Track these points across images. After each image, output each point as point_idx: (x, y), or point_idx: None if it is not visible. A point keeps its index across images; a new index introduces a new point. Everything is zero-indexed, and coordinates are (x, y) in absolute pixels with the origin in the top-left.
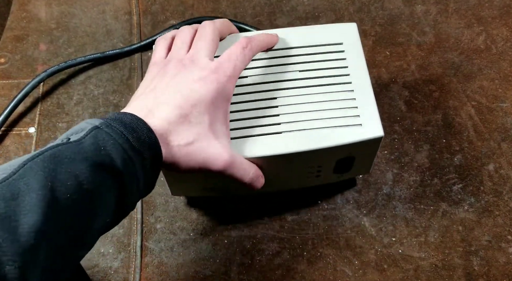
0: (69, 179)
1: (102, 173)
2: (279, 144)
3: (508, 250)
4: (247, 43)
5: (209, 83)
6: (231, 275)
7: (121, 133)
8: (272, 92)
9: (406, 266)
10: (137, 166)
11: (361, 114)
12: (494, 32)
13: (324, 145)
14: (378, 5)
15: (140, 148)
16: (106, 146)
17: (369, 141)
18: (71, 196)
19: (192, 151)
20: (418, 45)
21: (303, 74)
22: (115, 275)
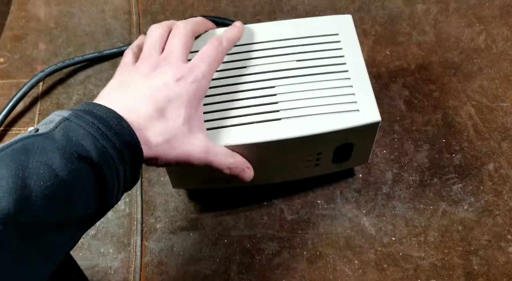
0: (41, 168)
1: (76, 162)
2: (278, 130)
3: (507, 250)
4: (219, 42)
5: (185, 84)
6: (231, 274)
7: (91, 123)
8: (270, 81)
9: (406, 266)
10: (113, 155)
11: (358, 100)
12: (495, 32)
13: (322, 131)
14: (378, 4)
15: (112, 137)
16: (77, 136)
17: (367, 126)
18: (45, 183)
19: (169, 146)
20: (418, 44)
21: (300, 63)
22: (115, 275)
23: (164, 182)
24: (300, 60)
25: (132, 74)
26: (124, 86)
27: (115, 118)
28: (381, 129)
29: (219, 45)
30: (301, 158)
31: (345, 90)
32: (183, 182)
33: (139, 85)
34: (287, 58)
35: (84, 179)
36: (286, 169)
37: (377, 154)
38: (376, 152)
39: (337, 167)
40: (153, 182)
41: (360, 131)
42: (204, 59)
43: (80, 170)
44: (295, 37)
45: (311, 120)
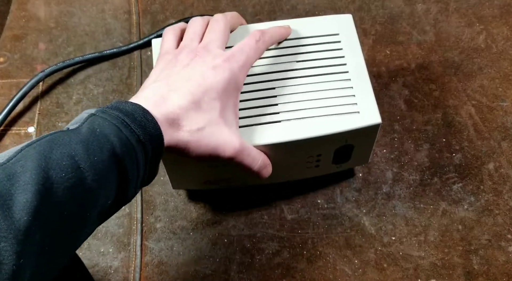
0: (64, 159)
1: (99, 153)
2: (277, 133)
3: (507, 249)
4: (260, 36)
5: (222, 71)
6: (231, 274)
7: (116, 116)
8: (270, 82)
9: (406, 265)
10: (136, 147)
11: (359, 102)
12: (495, 31)
13: (322, 133)
14: (378, 3)
15: (136, 128)
16: (101, 128)
17: (367, 129)
18: (66, 175)
19: (203, 136)
20: (418, 44)
21: (300, 64)
22: (115, 274)
23: (164, 181)
24: (300, 60)
25: (173, 63)
26: (165, 77)
27: (141, 111)
28: (381, 128)
29: (260, 38)
30: (301, 159)
31: (345, 91)
32: (183, 182)
33: (178, 76)
34: (288, 59)
35: (106, 170)
36: (286, 170)
37: (377, 153)
38: (376, 152)
39: (337, 168)
40: (153, 182)
41: (361, 133)
42: (244, 50)
43: (103, 161)
44: (295, 37)
45: (311, 123)
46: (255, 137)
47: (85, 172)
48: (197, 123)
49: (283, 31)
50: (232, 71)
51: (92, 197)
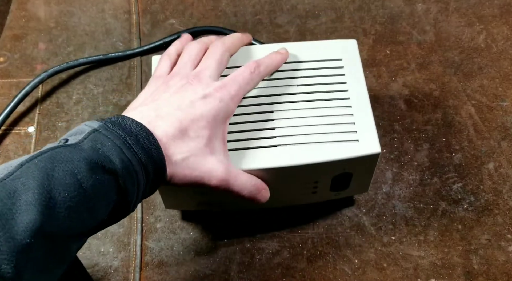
0: (67, 178)
1: (101, 173)
2: (273, 158)
3: (507, 249)
4: (255, 67)
5: (212, 101)
6: (231, 274)
7: (120, 135)
8: (268, 106)
9: (406, 265)
10: (137, 169)
11: (359, 130)
12: (495, 31)
13: (319, 160)
14: (378, 3)
15: (138, 151)
16: (104, 148)
17: (366, 157)
18: (69, 194)
19: (188, 166)
20: (418, 43)
21: (300, 88)
22: (115, 274)
23: None
24: (300, 84)
25: (163, 88)
26: (154, 100)
27: (144, 132)
28: (381, 128)
29: (255, 69)
30: (297, 185)
31: (345, 118)
32: (176, 204)
33: (167, 101)
34: (288, 82)
35: (107, 190)
36: (283, 195)
37: None
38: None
39: (335, 195)
40: None
41: (359, 161)
42: (236, 80)
43: (104, 181)
44: (297, 60)
45: (309, 149)
46: (250, 160)
47: (87, 191)
48: (182, 152)
49: (279, 59)
50: (222, 100)
51: (92, 214)
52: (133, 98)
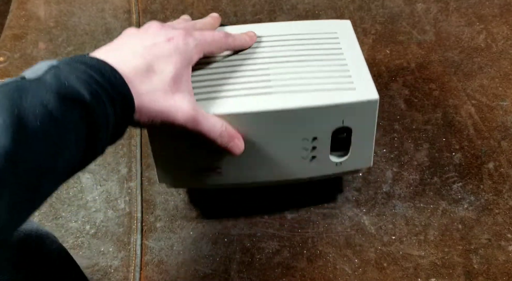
0: (37, 107)
1: (70, 104)
2: (269, 101)
3: (507, 249)
4: (224, 35)
5: (176, 42)
6: (231, 273)
7: (84, 70)
8: (265, 62)
9: (406, 264)
10: (106, 101)
11: (355, 80)
12: (495, 31)
13: (315, 104)
14: (378, 3)
15: (105, 84)
16: (70, 81)
17: (364, 105)
18: (41, 123)
19: (154, 100)
20: (418, 43)
21: (296, 49)
22: (115, 273)
23: None
24: (296, 46)
25: (130, 36)
26: (119, 45)
27: (109, 68)
28: (381, 128)
29: (224, 37)
30: (296, 144)
31: (341, 71)
32: (170, 174)
33: (132, 44)
34: (285, 48)
35: (77, 122)
36: (281, 162)
37: (377, 153)
38: (376, 151)
39: (337, 167)
40: (153, 181)
41: (357, 111)
42: (204, 34)
43: (74, 112)
44: (293, 33)
45: (305, 95)
46: (247, 105)
47: (58, 122)
48: (148, 87)
49: (247, 40)
50: (187, 44)
51: (63, 147)
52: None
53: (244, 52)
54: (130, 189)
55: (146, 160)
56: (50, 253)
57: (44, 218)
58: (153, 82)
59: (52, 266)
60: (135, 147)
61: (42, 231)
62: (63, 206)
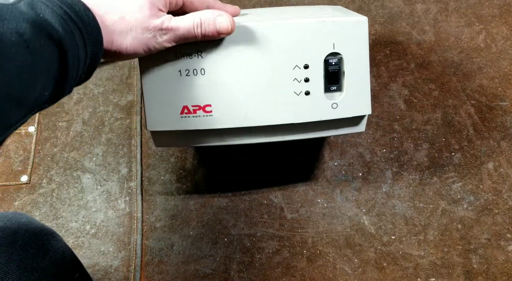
0: (13, 35)
1: (45, 37)
2: (264, 21)
3: (507, 248)
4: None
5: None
6: (231, 273)
7: (59, 5)
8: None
9: (406, 264)
10: (77, 38)
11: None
12: (494, 31)
13: (305, 21)
14: (378, 3)
15: (78, 22)
16: (45, 15)
17: (353, 25)
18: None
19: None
20: (418, 43)
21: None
22: (116, 273)
23: (165, 181)
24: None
25: None
26: None
27: (82, 6)
28: (381, 128)
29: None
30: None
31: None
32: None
33: None
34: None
35: (50, 55)
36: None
37: (377, 153)
38: (376, 151)
39: (333, 109)
40: (153, 181)
41: (347, 32)
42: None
43: (48, 46)
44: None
45: (296, 16)
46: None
47: (33, 54)
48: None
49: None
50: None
51: (34, 79)
52: (134, 98)
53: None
54: (130, 189)
55: (146, 160)
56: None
57: (44, 218)
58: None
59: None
60: (135, 147)
61: (47, 231)
62: (63, 206)
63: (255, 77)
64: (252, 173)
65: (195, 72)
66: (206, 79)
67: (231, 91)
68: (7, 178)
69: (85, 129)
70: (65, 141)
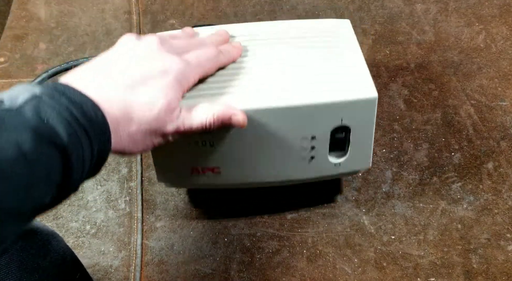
0: (10, 148)
1: (46, 146)
2: (269, 98)
3: (507, 248)
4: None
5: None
6: (231, 273)
7: (66, 106)
8: (264, 63)
9: (405, 264)
10: (84, 144)
11: (354, 78)
12: (494, 31)
13: (315, 102)
14: (378, 3)
15: (86, 124)
16: (49, 119)
17: (363, 103)
18: (11, 166)
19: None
20: (418, 44)
21: (296, 48)
22: (116, 273)
23: None
24: (295, 45)
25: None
26: (109, 68)
27: (91, 105)
28: (381, 128)
29: (218, 55)
30: (295, 142)
31: (340, 68)
32: (169, 174)
33: (123, 70)
34: (283, 46)
35: (51, 163)
36: (280, 161)
37: (377, 153)
38: (376, 151)
39: (335, 167)
40: (153, 181)
41: (356, 109)
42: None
43: (49, 155)
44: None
45: (304, 92)
46: (245, 101)
47: (30, 164)
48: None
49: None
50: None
51: (32, 190)
52: None
53: (244, 52)
54: (130, 189)
55: (146, 160)
56: (56, 253)
57: (44, 218)
58: (137, 122)
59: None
60: None
61: (48, 231)
62: (63, 206)
63: (263, 143)
64: None
65: (203, 142)
66: (215, 148)
67: (240, 156)
68: None
69: None
70: None
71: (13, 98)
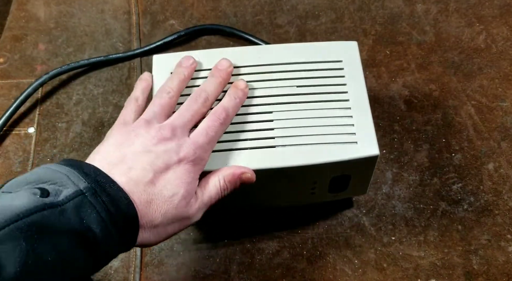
0: (49, 253)
1: (82, 246)
2: (272, 158)
3: (507, 249)
4: (224, 118)
5: (186, 164)
6: (231, 274)
7: (105, 206)
8: (268, 106)
9: (406, 265)
10: (115, 237)
11: (357, 132)
12: (495, 31)
13: (317, 161)
14: (378, 4)
15: (120, 222)
16: (89, 218)
17: (364, 160)
18: (47, 265)
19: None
20: (418, 44)
21: (300, 89)
22: (115, 274)
23: None
24: (300, 85)
25: (132, 140)
26: (124, 159)
27: (126, 202)
28: (381, 129)
29: (225, 119)
30: (296, 186)
31: (344, 120)
32: None
33: (139, 160)
34: (288, 83)
35: (83, 260)
36: (281, 195)
37: None
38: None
39: (334, 197)
40: None
41: (358, 163)
42: (208, 134)
43: (83, 253)
44: (297, 61)
45: (307, 150)
46: (249, 160)
47: (64, 261)
48: (158, 215)
49: (242, 96)
50: (196, 162)
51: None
52: None
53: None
54: None
55: None
56: None
57: None
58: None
59: None
60: None
61: None
62: None
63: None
64: None
65: None
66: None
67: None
68: (7, 179)
69: (84, 130)
70: (65, 142)
71: (56, 183)
